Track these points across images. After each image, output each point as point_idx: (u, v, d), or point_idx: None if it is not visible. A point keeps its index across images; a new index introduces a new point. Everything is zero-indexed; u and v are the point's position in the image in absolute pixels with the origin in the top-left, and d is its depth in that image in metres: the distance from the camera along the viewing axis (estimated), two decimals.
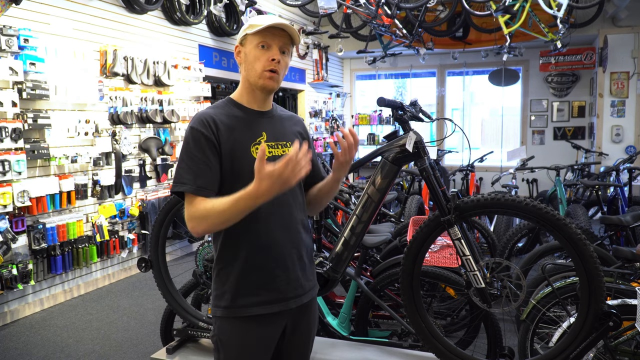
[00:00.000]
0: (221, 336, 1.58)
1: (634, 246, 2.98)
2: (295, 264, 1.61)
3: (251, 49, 1.56)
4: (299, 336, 1.67)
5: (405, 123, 2.21)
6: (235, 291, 1.55)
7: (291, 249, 1.60)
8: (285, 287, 1.58)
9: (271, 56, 1.54)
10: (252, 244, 1.55)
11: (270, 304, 1.56)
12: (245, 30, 1.58)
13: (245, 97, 1.62)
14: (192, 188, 1.48)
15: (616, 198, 5.47)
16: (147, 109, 5.12)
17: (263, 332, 1.57)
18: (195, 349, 2.54)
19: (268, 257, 1.56)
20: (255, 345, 1.57)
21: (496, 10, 5.96)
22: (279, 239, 1.57)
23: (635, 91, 7.64)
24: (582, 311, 1.85)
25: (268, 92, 1.60)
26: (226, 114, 1.58)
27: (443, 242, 2.65)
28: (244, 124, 1.58)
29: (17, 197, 3.84)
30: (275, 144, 1.61)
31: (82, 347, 3.48)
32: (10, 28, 3.77)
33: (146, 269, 2.58)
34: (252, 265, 1.55)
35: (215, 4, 6.17)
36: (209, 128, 1.51)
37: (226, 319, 1.57)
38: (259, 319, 1.56)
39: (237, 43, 1.62)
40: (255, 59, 1.55)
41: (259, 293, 1.55)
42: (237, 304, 1.55)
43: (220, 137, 1.52)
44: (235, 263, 1.55)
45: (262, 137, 1.59)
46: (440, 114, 9.71)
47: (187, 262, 5.27)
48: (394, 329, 2.82)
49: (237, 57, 1.62)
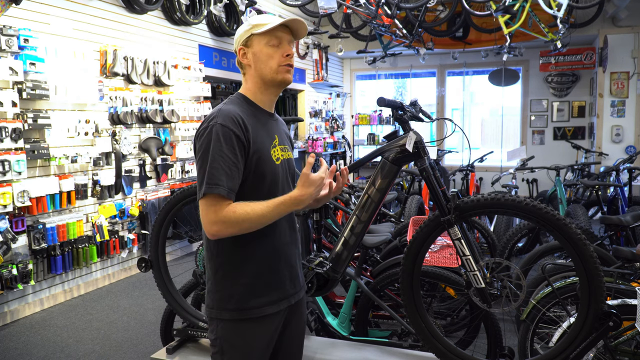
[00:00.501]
0: (227, 337, 1.55)
1: (634, 246, 2.98)
2: (297, 262, 1.67)
3: (261, 47, 1.55)
4: (295, 330, 1.70)
5: (405, 123, 2.21)
6: (248, 292, 1.53)
7: (294, 247, 1.66)
8: (290, 285, 1.63)
9: (285, 52, 1.56)
10: (264, 244, 1.55)
11: (278, 302, 1.59)
12: (250, 31, 1.55)
13: (259, 96, 1.60)
14: (225, 191, 1.42)
15: (616, 198, 5.46)
16: (147, 109, 5.12)
17: (268, 331, 1.59)
18: (195, 349, 2.54)
19: (279, 257, 1.59)
20: (261, 345, 1.58)
21: (496, 10, 5.96)
22: (288, 239, 1.63)
23: (635, 91, 7.64)
24: (582, 311, 1.85)
25: (283, 87, 1.62)
26: (248, 113, 1.55)
27: (443, 242, 2.65)
28: (263, 126, 1.58)
29: (17, 197, 3.84)
30: (283, 147, 1.64)
31: (82, 347, 3.48)
32: (10, 28, 3.77)
33: (146, 269, 2.58)
34: (266, 266, 1.57)
35: (215, 4, 6.17)
36: (239, 127, 1.47)
37: (234, 321, 1.54)
38: (266, 318, 1.57)
39: (240, 46, 1.58)
40: (269, 57, 1.55)
41: (270, 293, 1.57)
42: (249, 305, 1.53)
43: (249, 137, 1.50)
44: (248, 264, 1.54)
45: (276, 140, 1.61)
46: (440, 114, 9.71)
47: (187, 262, 5.27)
48: (394, 329, 2.82)
49: (243, 59, 1.58)
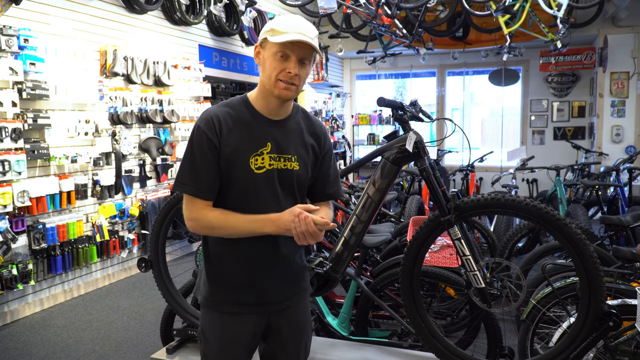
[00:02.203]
0: (203, 326, 1.63)
1: (634, 246, 2.98)
2: (279, 273, 1.60)
3: (269, 55, 1.50)
4: (286, 336, 1.66)
5: (405, 123, 2.21)
6: (212, 284, 1.60)
7: (276, 258, 1.59)
8: (263, 295, 1.59)
9: (288, 68, 1.48)
10: (243, 248, 1.56)
11: (245, 305, 1.58)
12: (266, 33, 1.52)
13: (260, 102, 1.57)
14: (192, 190, 1.49)
15: (616, 198, 5.46)
16: (147, 109, 5.12)
17: (239, 328, 1.59)
18: (195, 349, 2.54)
19: (252, 266, 1.58)
20: (234, 338, 1.59)
21: (496, 10, 5.96)
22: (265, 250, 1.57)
23: (635, 91, 7.64)
24: (582, 311, 1.85)
25: (282, 101, 1.55)
26: (235, 116, 1.54)
27: (443, 242, 2.65)
28: (249, 131, 1.54)
29: (17, 197, 3.84)
30: (277, 157, 1.55)
31: (82, 347, 3.48)
32: (10, 28, 3.77)
33: (146, 269, 2.58)
34: (238, 267, 1.57)
35: (215, 4, 6.17)
36: (212, 129, 1.50)
37: (205, 309, 1.62)
38: (236, 316, 1.59)
39: (257, 43, 1.56)
40: (273, 68, 1.49)
41: (237, 293, 1.58)
42: (215, 298, 1.60)
43: (221, 139, 1.50)
44: (218, 258, 1.59)
45: (266, 147, 1.54)
46: (440, 114, 9.70)
47: (187, 262, 5.27)
48: (394, 329, 2.82)
49: (257, 58, 1.58)
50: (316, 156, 1.65)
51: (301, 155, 1.60)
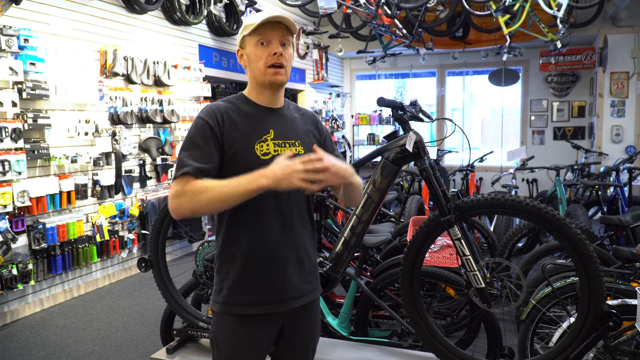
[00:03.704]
0: (216, 333, 1.59)
1: (634, 246, 2.98)
2: (294, 267, 1.59)
3: (251, 49, 1.56)
4: (298, 339, 1.66)
5: (405, 123, 2.21)
6: (232, 288, 1.56)
7: (290, 250, 1.58)
8: (280, 289, 1.57)
9: (272, 51, 1.53)
10: (251, 243, 1.55)
11: (262, 304, 1.56)
12: (242, 33, 1.58)
13: (255, 95, 1.62)
14: (192, 169, 1.45)
15: (616, 198, 5.47)
16: (147, 109, 5.12)
17: (256, 332, 1.57)
18: (195, 349, 2.54)
19: (265, 257, 1.56)
20: (247, 344, 1.57)
21: (496, 10, 5.97)
22: (278, 239, 1.56)
23: (635, 91, 7.64)
24: (582, 311, 1.85)
25: (277, 88, 1.59)
26: (236, 109, 1.58)
27: (443, 242, 2.65)
28: (252, 121, 1.57)
29: (17, 197, 3.84)
30: (282, 142, 1.58)
31: (82, 347, 3.48)
32: (10, 28, 3.77)
33: (146, 269, 2.58)
34: (250, 264, 1.55)
35: (215, 4, 6.17)
36: (214, 119, 1.52)
37: (222, 315, 1.58)
38: (251, 318, 1.56)
39: (238, 47, 1.61)
40: (258, 58, 1.54)
41: (254, 292, 1.55)
42: (233, 301, 1.56)
43: (224, 130, 1.52)
44: (235, 260, 1.56)
45: (269, 134, 1.57)
46: (440, 114, 9.71)
47: (187, 262, 5.27)
48: (394, 329, 2.82)
49: (241, 61, 1.62)
50: (318, 141, 1.69)
51: (304, 140, 1.63)
